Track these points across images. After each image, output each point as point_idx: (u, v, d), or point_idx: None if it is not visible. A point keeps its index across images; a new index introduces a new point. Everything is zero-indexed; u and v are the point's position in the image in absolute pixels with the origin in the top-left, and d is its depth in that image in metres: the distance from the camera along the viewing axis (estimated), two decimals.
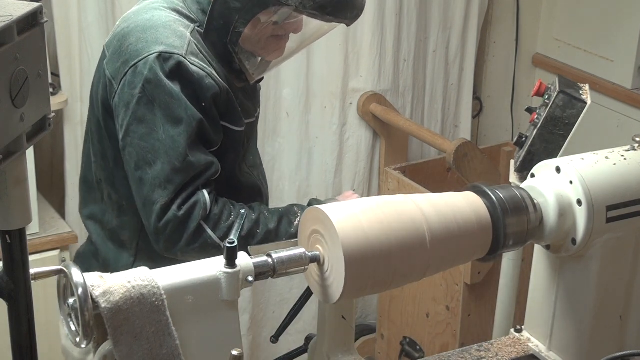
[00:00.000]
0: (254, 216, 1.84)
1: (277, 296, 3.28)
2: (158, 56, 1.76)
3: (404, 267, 1.35)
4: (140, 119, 1.77)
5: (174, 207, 1.76)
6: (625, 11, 3.14)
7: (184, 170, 1.76)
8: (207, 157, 1.80)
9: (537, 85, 2.13)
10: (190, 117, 1.76)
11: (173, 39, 1.79)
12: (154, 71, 1.75)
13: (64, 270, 1.21)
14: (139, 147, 1.78)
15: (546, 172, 1.48)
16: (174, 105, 1.76)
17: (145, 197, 1.78)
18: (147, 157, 1.77)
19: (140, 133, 1.78)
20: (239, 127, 1.89)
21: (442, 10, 3.38)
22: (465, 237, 1.38)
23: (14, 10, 1.01)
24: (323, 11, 1.77)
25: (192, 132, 1.77)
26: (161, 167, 1.76)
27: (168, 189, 1.76)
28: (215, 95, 1.80)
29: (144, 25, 1.82)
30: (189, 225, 1.77)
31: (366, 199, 1.39)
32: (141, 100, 1.77)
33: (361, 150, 3.32)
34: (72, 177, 2.87)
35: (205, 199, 1.78)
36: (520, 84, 3.63)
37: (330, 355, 1.51)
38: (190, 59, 1.78)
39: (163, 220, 1.77)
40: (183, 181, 1.77)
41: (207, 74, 1.79)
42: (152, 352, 1.23)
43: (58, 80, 2.78)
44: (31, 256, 1.14)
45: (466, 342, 2.84)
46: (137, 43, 1.79)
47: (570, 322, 1.52)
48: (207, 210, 1.78)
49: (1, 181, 1.04)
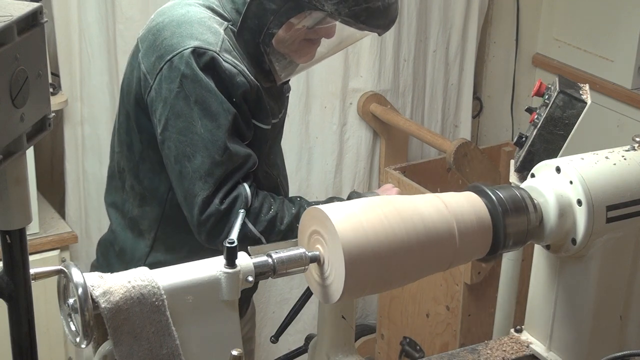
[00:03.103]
0: (294, 210, 1.85)
1: (277, 296, 3.28)
2: (193, 51, 1.78)
3: (404, 267, 1.35)
4: (178, 114, 1.79)
5: (216, 200, 1.78)
6: (625, 11, 3.14)
7: (224, 162, 1.78)
8: (245, 149, 1.82)
9: (537, 85, 2.13)
10: (226, 110, 1.79)
11: (207, 35, 1.81)
12: (191, 66, 1.78)
13: (64, 270, 1.21)
14: (177, 142, 1.80)
15: (546, 172, 1.48)
16: (211, 99, 1.78)
17: (187, 190, 1.80)
18: (186, 151, 1.79)
19: (178, 127, 1.80)
20: (266, 125, 1.91)
21: (442, 10, 3.38)
22: (465, 237, 1.38)
23: (14, 10, 1.01)
24: (357, 19, 1.78)
25: (229, 126, 1.79)
26: (201, 161, 1.78)
27: (209, 182, 1.78)
28: (245, 92, 1.82)
29: (179, 20, 1.84)
30: (231, 218, 1.78)
31: (366, 199, 1.39)
32: (179, 95, 1.79)
33: (361, 150, 3.32)
34: (72, 177, 2.87)
35: (247, 193, 1.80)
36: (520, 84, 3.63)
37: (330, 355, 1.51)
38: (224, 56, 1.80)
39: (205, 213, 1.78)
40: (224, 173, 1.78)
41: (239, 71, 1.81)
42: (152, 352, 1.23)
43: (58, 80, 2.78)
44: (31, 256, 1.14)
45: (466, 342, 2.84)
46: (171, 37, 1.81)
47: (570, 322, 1.52)
48: (248, 204, 1.80)
49: (1, 181, 1.04)
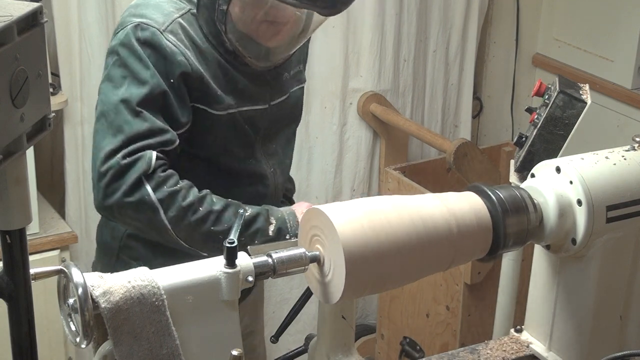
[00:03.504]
0: (200, 194, 1.84)
1: (277, 296, 3.28)
2: (135, 26, 1.83)
3: (404, 267, 1.35)
4: (110, 78, 1.84)
5: (118, 155, 1.78)
6: (625, 11, 3.14)
7: (135, 123, 1.79)
8: (164, 125, 1.82)
9: (537, 85, 2.13)
10: (155, 84, 1.80)
11: (157, 16, 1.85)
12: (129, 38, 1.83)
13: (64, 270, 1.21)
14: (101, 103, 1.84)
15: (546, 172, 1.48)
16: (142, 70, 1.81)
17: (96, 145, 1.83)
18: (104, 109, 1.83)
19: (105, 90, 1.84)
20: (218, 111, 1.89)
21: (442, 10, 3.38)
22: (465, 237, 1.38)
23: (14, 10, 1.01)
24: None
25: (152, 96, 1.80)
26: (114, 117, 1.80)
27: (117, 137, 1.79)
28: (184, 74, 1.83)
29: (138, 3, 1.91)
30: (130, 175, 1.77)
31: (366, 198, 1.39)
32: (115, 63, 1.84)
33: (361, 150, 3.32)
34: (72, 177, 2.87)
35: (152, 157, 1.79)
36: (520, 84, 3.63)
37: (330, 355, 1.51)
38: (167, 35, 1.83)
39: (105, 165, 1.79)
40: (133, 133, 1.79)
41: (181, 52, 1.83)
42: (152, 352, 1.23)
43: (58, 80, 2.78)
44: (31, 256, 1.14)
45: (466, 342, 2.84)
46: (125, 17, 1.89)
47: (570, 322, 1.52)
48: (149, 167, 1.79)
49: (1, 181, 1.04)
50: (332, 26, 3.13)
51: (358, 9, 3.16)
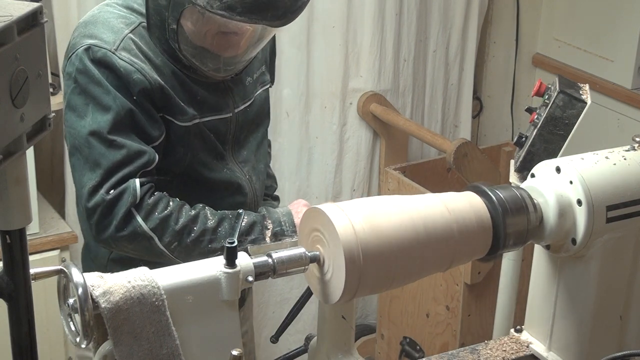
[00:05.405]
0: (192, 212, 1.83)
1: (277, 296, 3.28)
2: (87, 49, 1.81)
3: (404, 267, 1.35)
4: (72, 108, 1.82)
5: (102, 190, 1.77)
6: (625, 11, 3.14)
7: (110, 154, 1.78)
8: (140, 145, 1.80)
9: (537, 85, 2.13)
10: (119, 105, 1.79)
11: (107, 35, 1.82)
12: (83, 62, 1.80)
13: (64, 270, 1.21)
14: (69, 135, 1.83)
15: (546, 172, 1.48)
16: (102, 94, 1.79)
17: (77, 182, 1.83)
18: (75, 143, 1.81)
19: (71, 121, 1.83)
20: (183, 123, 1.87)
21: (442, 10, 3.38)
22: (465, 237, 1.38)
23: (14, 10, 1.01)
24: (233, 11, 1.70)
25: (119, 119, 1.78)
26: (89, 152, 1.79)
27: (96, 172, 1.78)
28: (144, 89, 1.81)
29: (86, 20, 1.89)
30: (118, 210, 1.77)
31: (366, 198, 1.39)
32: (74, 90, 1.82)
33: (361, 150, 3.32)
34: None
35: (136, 187, 1.78)
36: (520, 84, 3.63)
37: (330, 355, 1.51)
38: (119, 54, 1.80)
39: (91, 202, 1.78)
40: (111, 165, 1.78)
41: (137, 69, 1.80)
42: (152, 352, 1.23)
43: (58, 80, 2.78)
44: (31, 256, 1.14)
45: (466, 342, 2.84)
46: (75, 38, 1.87)
47: (570, 322, 1.52)
48: (136, 198, 1.78)
49: (1, 181, 1.04)
50: (332, 26, 3.13)
51: (358, 9, 3.16)
